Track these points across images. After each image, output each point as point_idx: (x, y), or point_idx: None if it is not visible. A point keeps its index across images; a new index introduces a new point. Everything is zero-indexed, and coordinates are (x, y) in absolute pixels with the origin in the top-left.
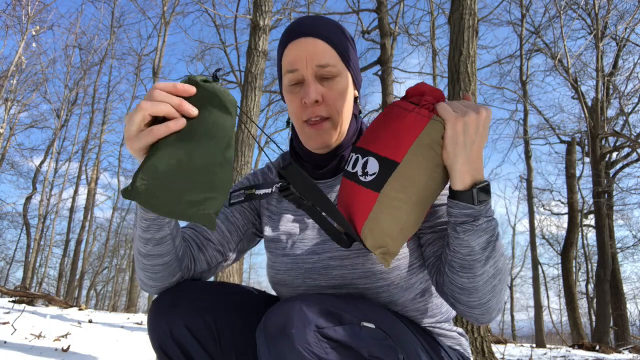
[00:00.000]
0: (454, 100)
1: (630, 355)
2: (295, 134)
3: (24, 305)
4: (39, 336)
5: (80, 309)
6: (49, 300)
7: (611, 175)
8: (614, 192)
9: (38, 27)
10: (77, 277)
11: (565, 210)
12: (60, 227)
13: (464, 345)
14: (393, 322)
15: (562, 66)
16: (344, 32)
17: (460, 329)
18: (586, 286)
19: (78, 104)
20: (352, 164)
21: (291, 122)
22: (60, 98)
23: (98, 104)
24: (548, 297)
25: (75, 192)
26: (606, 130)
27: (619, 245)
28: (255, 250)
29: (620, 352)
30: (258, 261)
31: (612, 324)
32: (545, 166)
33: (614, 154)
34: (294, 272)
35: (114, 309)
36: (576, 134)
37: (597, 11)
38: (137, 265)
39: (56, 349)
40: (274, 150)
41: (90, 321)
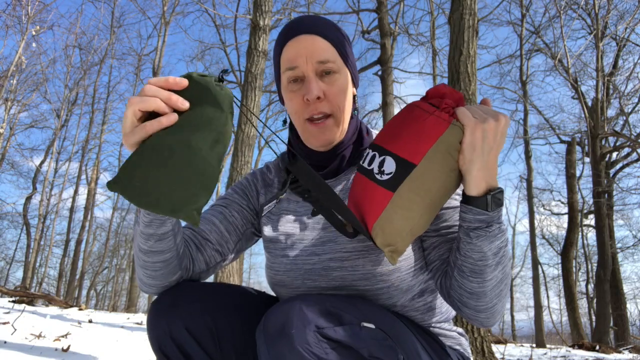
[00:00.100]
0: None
1: (630, 355)
2: (294, 134)
3: (24, 305)
4: (39, 336)
5: (80, 309)
6: (49, 300)
7: (611, 175)
8: (614, 192)
9: (38, 27)
10: (77, 277)
11: (565, 210)
12: (60, 227)
13: (464, 345)
14: (393, 323)
15: (562, 66)
16: (341, 31)
17: (460, 329)
18: (586, 286)
19: (78, 104)
20: (368, 161)
21: (289, 122)
22: (60, 98)
23: (98, 104)
24: (548, 297)
25: (75, 192)
26: (606, 130)
27: (619, 245)
28: (255, 250)
29: (620, 352)
30: (258, 261)
31: (612, 324)
32: (545, 166)
33: (614, 154)
34: (294, 273)
35: (114, 309)
36: (576, 134)
37: (597, 11)
38: (137, 263)
39: (56, 349)
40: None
41: (90, 321)
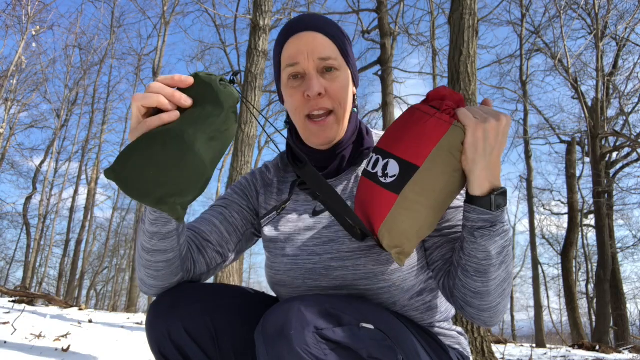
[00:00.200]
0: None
1: (630, 355)
2: (293, 133)
3: (24, 305)
4: (39, 336)
5: (80, 309)
6: (49, 300)
7: (611, 175)
8: (614, 192)
9: (38, 27)
10: (77, 277)
11: (565, 210)
12: (60, 227)
13: (464, 344)
14: (392, 323)
15: (562, 66)
16: (342, 30)
17: (459, 328)
18: (586, 286)
19: (78, 104)
20: (372, 164)
21: (289, 122)
22: (60, 98)
23: (98, 104)
24: (548, 297)
25: (75, 192)
26: (606, 130)
27: (619, 245)
28: (255, 250)
29: (620, 352)
30: (258, 261)
31: (612, 324)
32: (545, 166)
33: (614, 154)
34: (294, 273)
35: (114, 309)
36: (576, 134)
37: (597, 11)
38: (138, 263)
39: (56, 349)
40: (273, 150)
41: (91, 321)
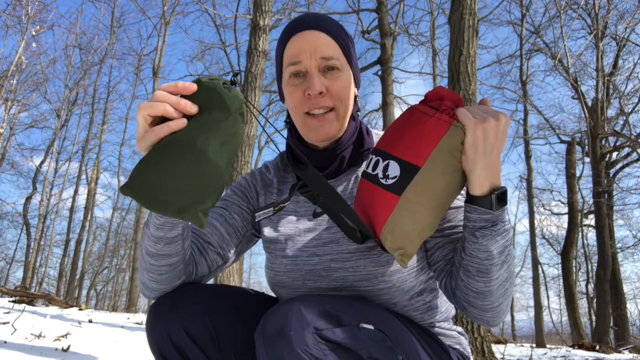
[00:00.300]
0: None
1: (630, 355)
2: (293, 132)
3: (24, 305)
4: (39, 336)
5: (80, 309)
6: (49, 300)
7: (611, 175)
8: (614, 192)
9: (38, 27)
10: (77, 277)
11: (565, 210)
12: (60, 227)
13: (464, 344)
14: (392, 323)
15: (562, 66)
16: (345, 30)
17: (459, 328)
18: (586, 286)
19: (78, 104)
20: (372, 166)
21: (289, 122)
22: (60, 98)
23: (98, 104)
24: (548, 297)
25: (75, 192)
26: (606, 130)
27: (619, 245)
28: (255, 250)
29: (620, 352)
30: (258, 261)
31: (612, 324)
32: (545, 166)
33: (614, 154)
34: (294, 274)
35: (114, 309)
36: (576, 134)
37: (597, 11)
38: (141, 267)
39: (56, 349)
40: (273, 150)
41: (90, 321)
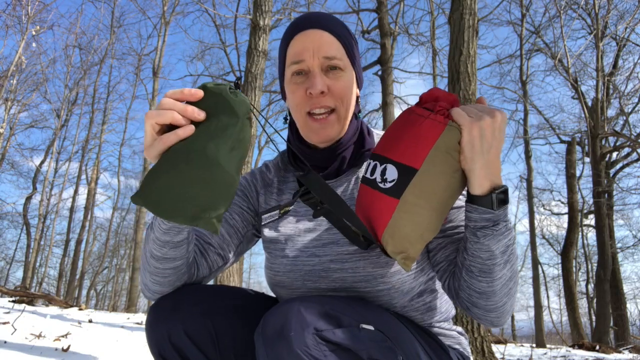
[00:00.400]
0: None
1: (630, 355)
2: (293, 131)
3: (24, 305)
4: (39, 336)
5: (80, 309)
6: (49, 300)
7: (611, 175)
8: (614, 192)
9: (38, 27)
10: (77, 277)
11: (565, 210)
12: (60, 227)
13: (464, 344)
14: (392, 324)
15: (562, 66)
16: (349, 31)
17: (459, 328)
18: (586, 286)
19: (78, 104)
20: (370, 171)
21: (289, 120)
22: (60, 98)
23: (98, 104)
24: (548, 297)
25: (75, 192)
26: (606, 130)
27: (619, 245)
28: (255, 250)
29: (620, 352)
30: (258, 261)
31: (612, 324)
32: (545, 166)
33: (614, 154)
34: (293, 274)
35: (114, 309)
36: (576, 134)
37: (597, 11)
38: (144, 269)
39: (56, 349)
40: (273, 150)
41: (91, 321)
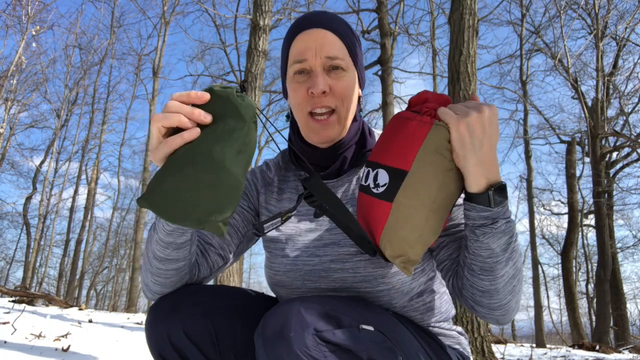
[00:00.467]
0: (459, 100)
1: (630, 355)
2: (294, 130)
3: (24, 305)
4: (39, 336)
5: (80, 309)
6: (49, 300)
7: (611, 175)
8: (614, 192)
9: (38, 27)
10: (77, 277)
11: (565, 210)
12: (60, 227)
13: (464, 344)
14: (392, 324)
15: (562, 66)
16: (353, 30)
17: (459, 328)
18: (586, 286)
19: (78, 104)
20: (364, 178)
21: (290, 119)
22: (60, 98)
23: (98, 104)
24: (548, 297)
25: (75, 192)
26: (606, 130)
27: (619, 245)
28: (255, 250)
29: (620, 352)
30: (258, 261)
31: (612, 324)
32: (545, 166)
33: (614, 154)
34: (293, 274)
35: (114, 309)
36: (576, 133)
37: (597, 11)
38: (146, 269)
39: (56, 349)
40: (273, 150)
41: (91, 321)
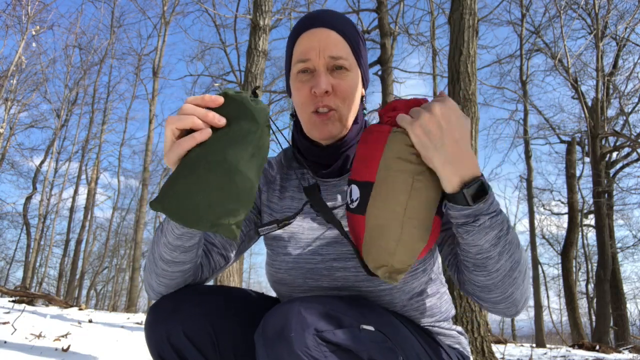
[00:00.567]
0: (459, 101)
1: (630, 355)
2: (298, 129)
3: (24, 305)
4: (39, 336)
5: (80, 309)
6: (49, 300)
7: (611, 175)
8: (614, 192)
9: (38, 27)
10: (77, 277)
11: (565, 210)
12: (60, 227)
13: (463, 343)
14: (392, 324)
15: (562, 66)
16: (357, 29)
17: (459, 328)
18: (586, 286)
19: (78, 104)
20: (346, 196)
21: (294, 116)
22: (60, 98)
23: (98, 104)
24: (548, 297)
25: (75, 192)
26: (606, 130)
27: (619, 245)
28: (255, 250)
29: (620, 352)
30: (258, 261)
31: (612, 324)
32: (545, 166)
33: (614, 154)
34: (295, 272)
35: (114, 308)
36: (576, 133)
37: (597, 11)
38: (151, 270)
39: (56, 349)
40: (274, 150)
41: (90, 321)
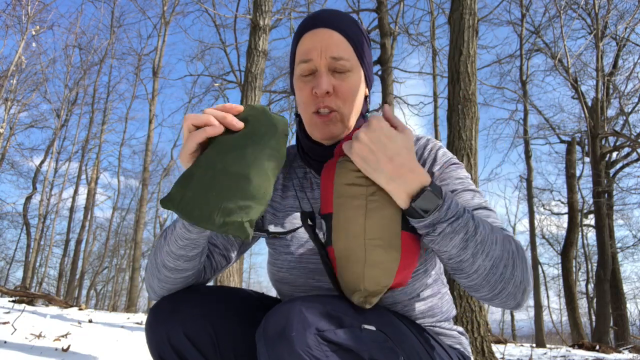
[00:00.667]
0: (460, 101)
1: (630, 355)
2: (301, 127)
3: (24, 305)
4: (39, 336)
5: (80, 309)
6: (49, 300)
7: (611, 175)
8: (614, 192)
9: (38, 27)
10: (77, 277)
11: (565, 210)
12: (60, 227)
13: (464, 344)
14: (393, 324)
15: (562, 66)
16: (361, 28)
17: (460, 328)
18: (586, 286)
19: (78, 104)
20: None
21: (298, 115)
22: (60, 98)
23: (98, 104)
24: (548, 297)
25: (75, 192)
26: (606, 130)
27: (619, 245)
28: (255, 250)
29: (620, 352)
30: (258, 261)
31: (612, 324)
32: (545, 166)
33: (614, 154)
34: (297, 272)
35: (114, 308)
36: (576, 133)
37: (597, 11)
38: (153, 275)
39: (56, 349)
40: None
41: (90, 321)
